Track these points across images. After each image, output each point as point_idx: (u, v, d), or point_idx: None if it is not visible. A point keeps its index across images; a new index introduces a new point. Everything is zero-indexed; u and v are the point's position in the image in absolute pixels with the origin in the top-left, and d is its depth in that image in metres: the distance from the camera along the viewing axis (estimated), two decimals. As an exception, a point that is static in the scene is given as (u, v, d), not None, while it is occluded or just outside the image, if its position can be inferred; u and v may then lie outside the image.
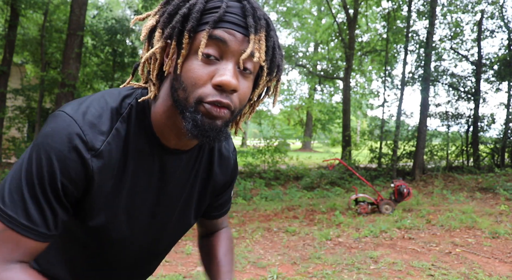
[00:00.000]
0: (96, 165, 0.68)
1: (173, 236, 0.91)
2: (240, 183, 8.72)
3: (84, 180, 0.69)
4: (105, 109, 0.71)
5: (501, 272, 3.40)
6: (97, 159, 0.68)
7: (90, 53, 10.63)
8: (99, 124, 0.69)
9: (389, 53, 11.87)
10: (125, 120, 0.73)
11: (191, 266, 3.69)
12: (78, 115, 0.68)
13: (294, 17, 18.30)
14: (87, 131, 0.67)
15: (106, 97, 0.74)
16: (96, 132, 0.68)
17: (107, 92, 0.76)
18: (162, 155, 0.77)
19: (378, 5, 13.04)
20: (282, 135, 14.50)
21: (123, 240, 0.81)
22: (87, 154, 0.67)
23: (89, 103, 0.71)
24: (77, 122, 0.67)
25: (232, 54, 0.67)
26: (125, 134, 0.73)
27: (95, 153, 0.68)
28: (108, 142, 0.70)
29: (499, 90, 11.51)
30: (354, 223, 5.33)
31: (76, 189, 0.68)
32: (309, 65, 17.31)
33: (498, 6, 11.04)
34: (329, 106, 22.23)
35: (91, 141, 0.67)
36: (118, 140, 0.72)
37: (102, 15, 11.34)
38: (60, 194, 0.66)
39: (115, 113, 0.72)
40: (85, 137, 0.67)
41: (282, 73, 0.77)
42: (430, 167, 11.07)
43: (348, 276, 3.36)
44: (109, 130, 0.70)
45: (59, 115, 0.68)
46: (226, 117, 0.69)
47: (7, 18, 9.70)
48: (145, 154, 0.75)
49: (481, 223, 4.99)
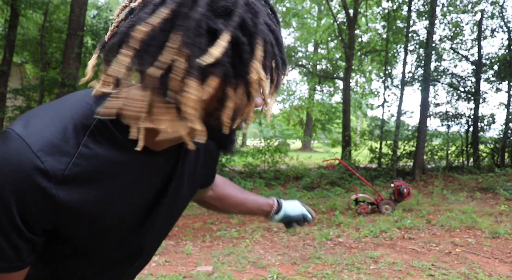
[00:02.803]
0: (62, 193, 0.57)
1: (162, 233, 0.86)
2: (240, 183, 8.72)
3: (50, 212, 0.58)
4: (67, 124, 0.58)
5: (501, 272, 3.40)
6: (62, 186, 0.57)
7: (90, 53, 10.62)
8: (61, 143, 0.57)
9: (389, 53, 11.86)
10: (93, 134, 0.60)
11: (191, 266, 3.69)
12: (32, 136, 0.55)
13: (293, 17, 18.30)
14: (44, 157, 0.55)
15: (66, 107, 0.61)
16: (57, 155, 0.56)
17: (67, 100, 0.63)
18: (141, 159, 0.66)
19: (378, 5, 13.04)
20: (282, 135, 14.48)
21: (109, 251, 0.75)
22: (48, 184, 0.56)
23: (46, 118, 0.59)
24: (31, 146, 0.55)
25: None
26: (96, 149, 0.60)
27: (58, 180, 0.57)
28: (75, 164, 0.58)
29: (499, 90, 11.51)
30: (354, 223, 5.33)
31: (43, 222, 0.59)
32: (309, 65, 17.31)
33: (498, 6, 11.04)
34: (329, 106, 22.23)
35: (51, 167, 0.56)
36: (89, 157, 0.59)
37: (102, 15, 11.34)
38: (23, 230, 0.57)
39: (81, 127, 0.59)
40: (43, 164, 0.55)
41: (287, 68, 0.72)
42: (430, 167, 11.07)
43: (348, 276, 3.36)
44: (75, 149, 0.58)
45: (8, 137, 0.56)
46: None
47: (7, 18, 9.70)
48: (123, 163, 0.64)
49: (481, 223, 4.99)
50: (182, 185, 0.80)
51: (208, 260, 3.84)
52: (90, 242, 0.70)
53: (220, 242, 4.62)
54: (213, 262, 3.75)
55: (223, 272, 3.46)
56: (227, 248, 4.26)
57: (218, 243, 4.61)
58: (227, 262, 3.76)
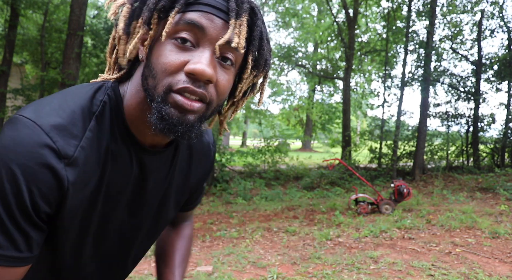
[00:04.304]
0: (71, 175, 0.58)
1: (149, 236, 0.84)
2: (240, 183, 8.72)
3: (58, 194, 0.58)
4: (75, 108, 0.61)
5: (501, 272, 3.40)
6: (71, 167, 0.58)
7: (90, 53, 10.62)
8: (69, 126, 0.59)
9: (389, 53, 11.86)
10: (99, 119, 0.63)
11: (191, 266, 3.69)
12: (43, 119, 0.57)
13: (293, 17, 18.29)
14: (56, 137, 0.56)
15: (73, 95, 0.63)
16: (67, 137, 0.58)
17: (72, 89, 0.66)
18: (139, 156, 0.69)
19: (378, 5, 13.04)
20: (282, 135, 14.49)
21: (94, 247, 0.73)
22: (59, 163, 0.57)
23: (54, 103, 0.61)
24: (42, 128, 0.56)
25: (210, 41, 0.59)
26: (100, 135, 0.63)
27: (69, 161, 0.58)
28: (82, 147, 0.59)
29: (499, 90, 11.50)
30: (354, 223, 5.33)
31: (49, 205, 0.58)
32: (309, 65, 17.31)
33: (498, 6, 11.04)
34: (329, 107, 22.21)
35: (63, 148, 0.57)
36: (92, 142, 0.61)
37: (102, 15, 11.35)
38: (31, 214, 0.57)
39: (87, 112, 0.62)
40: (55, 144, 0.56)
41: (270, 68, 0.70)
42: (430, 167, 11.07)
43: (348, 276, 3.36)
44: (82, 132, 0.60)
45: (19, 121, 0.56)
46: (200, 111, 0.61)
47: (7, 18, 9.70)
48: (122, 155, 0.67)
49: (481, 223, 4.99)
50: (171, 191, 0.80)
51: (208, 260, 3.84)
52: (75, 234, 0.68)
53: (220, 242, 4.62)
54: (213, 262, 3.75)
55: (223, 272, 3.46)
56: (227, 248, 4.26)
57: (218, 243, 4.61)
58: (227, 262, 3.76)
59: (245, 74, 0.67)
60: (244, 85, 0.70)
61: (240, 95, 0.72)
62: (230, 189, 8.60)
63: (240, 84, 0.69)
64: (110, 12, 0.63)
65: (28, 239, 0.58)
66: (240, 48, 0.60)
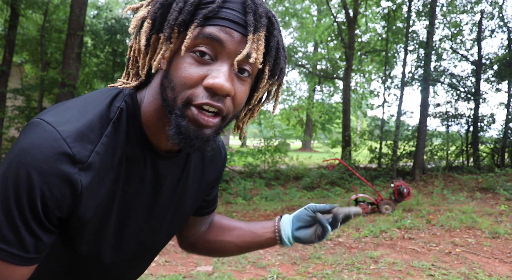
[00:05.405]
0: (85, 179, 0.60)
1: (164, 239, 0.86)
2: (240, 183, 8.72)
3: (70, 199, 0.60)
4: (94, 115, 0.63)
5: (501, 272, 3.40)
6: (85, 172, 0.60)
7: (90, 53, 10.62)
8: (87, 132, 0.61)
9: (389, 53, 11.86)
10: (115, 125, 0.65)
11: (191, 266, 3.68)
12: (61, 124, 0.59)
13: (293, 17, 18.28)
14: (73, 143, 0.59)
15: (91, 101, 0.66)
16: (84, 142, 0.60)
17: (92, 96, 0.68)
18: (154, 161, 0.71)
19: (378, 5, 13.04)
20: (282, 135, 14.48)
21: (113, 251, 0.75)
22: (74, 168, 0.59)
23: (73, 109, 0.63)
24: (61, 133, 0.58)
25: (228, 55, 0.61)
26: (116, 141, 0.65)
27: (83, 165, 0.60)
28: (97, 152, 0.62)
29: (499, 90, 11.51)
30: (354, 223, 5.33)
31: (60, 210, 0.60)
32: (308, 65, 17.30)
33: (498, 6, 11.04)
34: (329, 107, 22.21)
35: (78, 153, 0.59)
36: (108, 148, 0.64)
37: (102, 15, 11.34)
38: (41, 216, 0.59)
39: (105, 118, 0.64)
40: (71, 150, 0.58)
41: (284, 76, 0.71)
42: (430, 167, 11.07)
43: (348, 276, 3.36)
44: (99, 138, 0.62)
45: (39, 125, 0.59)
46: (216, 126, 0.63)
47: (7, 18, 9.69)
48: (137, 160, 0.69)
49: (481, 223, 4.99)
50: (186, 194, 0.82)
51: (208, 260, 3.84)
52: (92, 242, 0.70)
53: (220, 242, 4.62)
54: (213, 262, 3.75)
55: (223, 272, 3.46)
56: (227, 248, 4.25)
57: (218, 243, 4.60)
58: (227, 262, 3.75)
59: (261, 83, 0.69)
60: (260, 93, 0.72)
61: (255, 102, 0.74)
62: (230, 189, 8.60)
63: (256, 93, 0.71)
64: (131, 26, 0.65)
65: (36, 240, 0.60)
66: (258, 63, 0.62)
